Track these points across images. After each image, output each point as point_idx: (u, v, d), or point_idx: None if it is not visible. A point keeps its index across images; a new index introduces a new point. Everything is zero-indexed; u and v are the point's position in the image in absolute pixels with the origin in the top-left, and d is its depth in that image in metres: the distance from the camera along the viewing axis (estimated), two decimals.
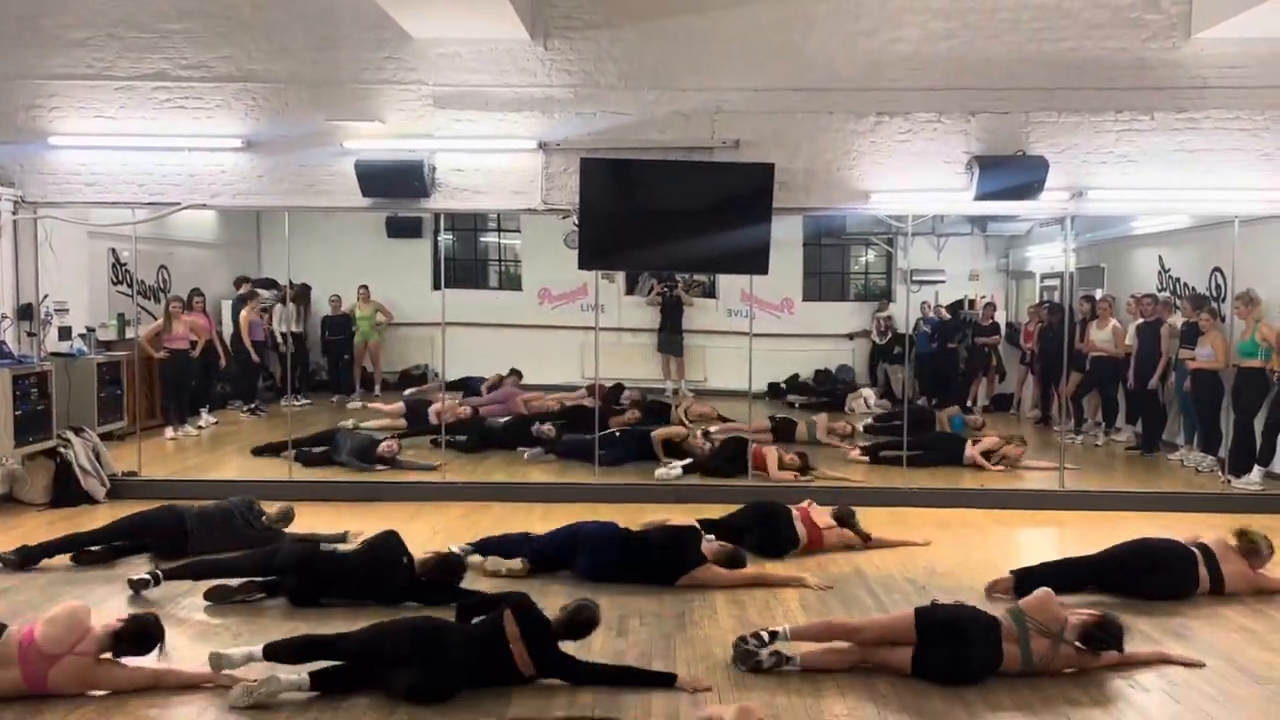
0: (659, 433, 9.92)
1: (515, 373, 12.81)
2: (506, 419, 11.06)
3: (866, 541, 7.25)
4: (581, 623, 4.80)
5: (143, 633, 4.66)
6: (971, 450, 9.80)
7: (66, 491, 8.33)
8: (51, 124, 8.71)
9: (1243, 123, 8.53)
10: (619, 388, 12.28)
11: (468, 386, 12.67)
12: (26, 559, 6.44)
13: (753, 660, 4.91)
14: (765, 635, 5.01)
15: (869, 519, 7.51)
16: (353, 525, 7.23)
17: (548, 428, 10.25)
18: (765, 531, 7.08)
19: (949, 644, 4.82)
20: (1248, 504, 8.45)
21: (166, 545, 6.61)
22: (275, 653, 4.70)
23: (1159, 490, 9.06)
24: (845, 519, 7.24)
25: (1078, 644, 4.87)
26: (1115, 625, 4.94)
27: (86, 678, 4.54)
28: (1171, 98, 8.51)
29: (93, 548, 6.63)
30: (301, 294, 13.38)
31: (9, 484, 8.42)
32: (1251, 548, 6.17)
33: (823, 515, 7.27)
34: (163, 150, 8.71)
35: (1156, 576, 6.09)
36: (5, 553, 6.50)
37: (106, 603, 5.68)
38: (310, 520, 7.35)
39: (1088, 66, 8.52)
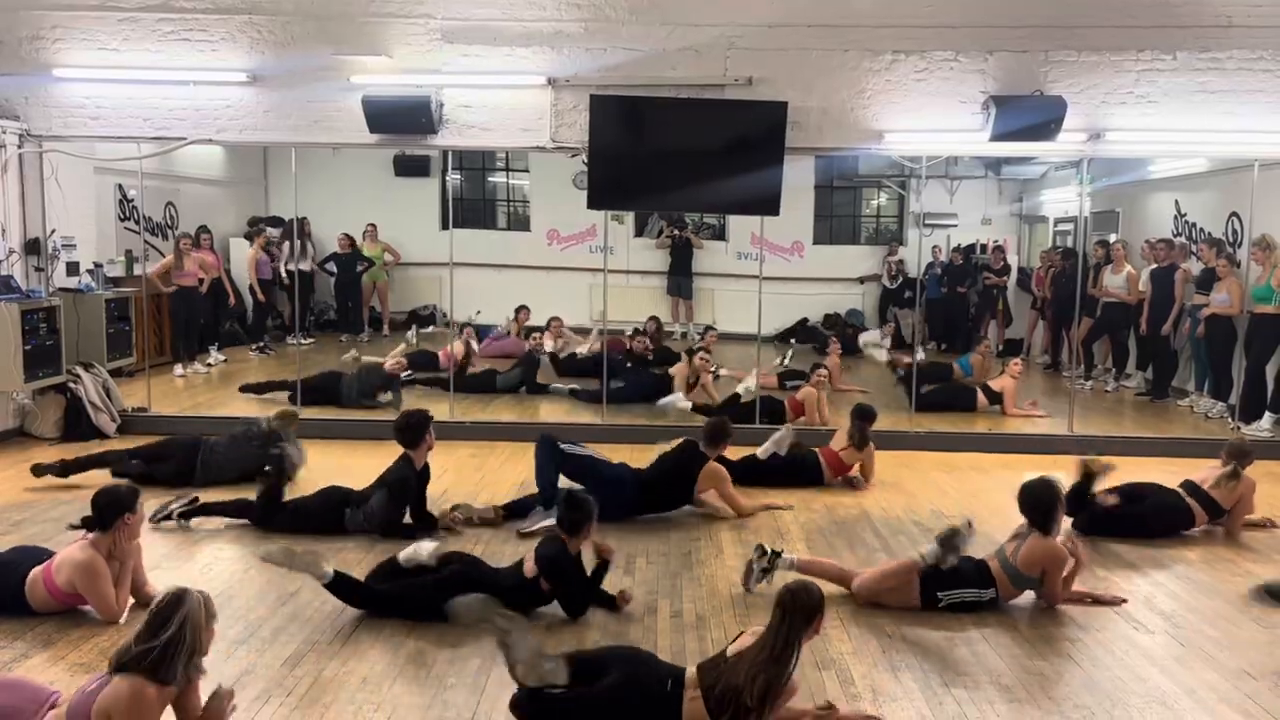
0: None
1: (522, 309, 12.78)
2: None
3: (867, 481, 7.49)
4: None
5: (99, 502, 4.67)
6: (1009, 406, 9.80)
7: (77, 426, 8.38)
8: (55, 56, 8.59)
9: (1266, 63, 8.34)
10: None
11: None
12: (66, 469, 6.82)
13: (753, 573, 5.08)
14: (769, 551, 5.14)
15: (877, 463, 7.57)
16: (361, 464, 7.23)
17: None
18: (789, 470, 7.28)
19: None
20: (1257, 450, 8.41)
21: (175, 474, 6.89)
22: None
23: (1168, 436, 9.03)
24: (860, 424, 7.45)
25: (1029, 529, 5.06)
26: (1038, 488, 5.11)
27: (78, 558, 4.59)
28: (1195, 36, 8.31)
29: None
30: (301, 229, 13.29)
31: (20, 418, 8.48)
32: (1238, 451, 6.46)
33: (849, 450, 7.43)
34: (168, 84, 8.59)
35: (1150, 511, 6.34)
36: (46, 464, 6.84)
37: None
38: (319, 460, 7.38)
39: (1110, 3, 8.31)
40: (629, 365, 10.33)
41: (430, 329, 13.69)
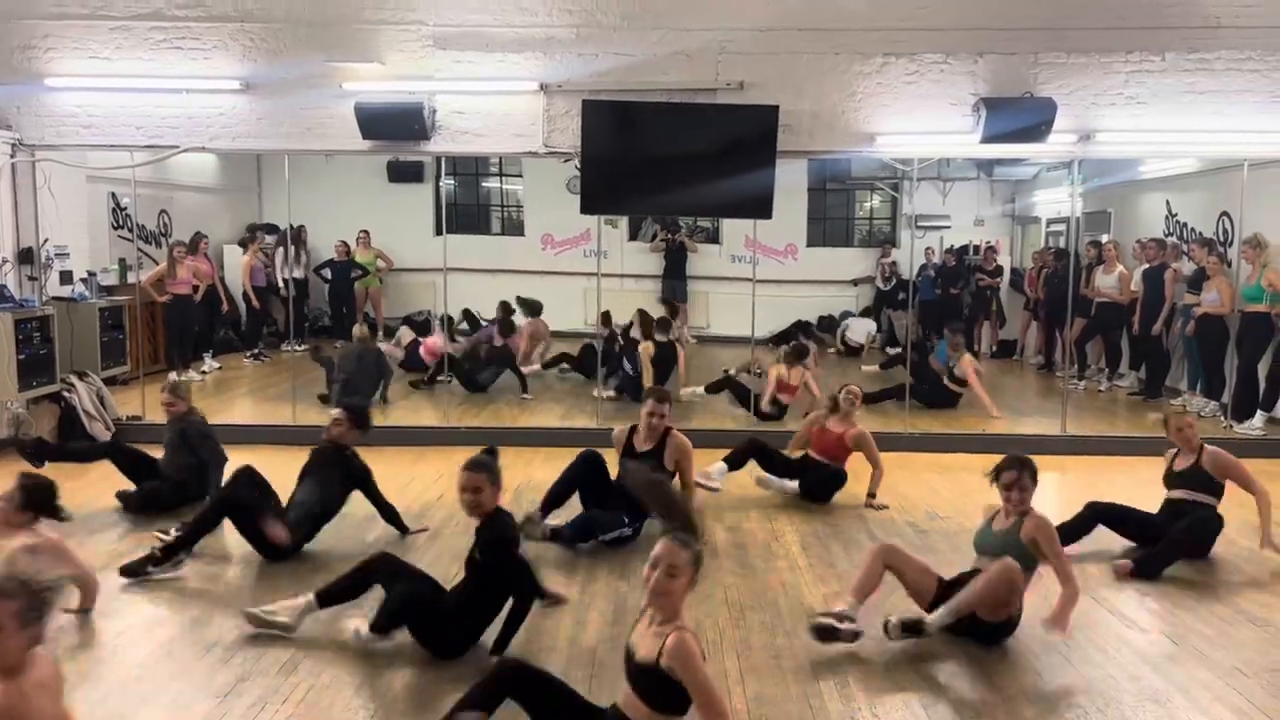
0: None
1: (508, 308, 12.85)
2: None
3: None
4: None
5: (41, 488, 4.72)
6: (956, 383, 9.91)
7: (71, 435, 8.40)
8: (47, 65, 8.59)
9: (1255, 64, 8.39)
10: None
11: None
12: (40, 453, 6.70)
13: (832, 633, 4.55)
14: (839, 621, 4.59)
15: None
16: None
17: None
18: (813, 478, 7.08)
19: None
20: (1249, 449, 8.44)
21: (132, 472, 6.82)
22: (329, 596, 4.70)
23: (1160, 435, 9.01)
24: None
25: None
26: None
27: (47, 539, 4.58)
28: (1183, 37, 8.36)
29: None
30: (297, 237, 13.30)
31: (15, 427, 8.46)
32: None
33: (838, 421, 7.28)
34: (160, 92, 8.60)
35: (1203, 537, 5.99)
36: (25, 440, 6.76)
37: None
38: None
39: (1099, 5, 8.35)
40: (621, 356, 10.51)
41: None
